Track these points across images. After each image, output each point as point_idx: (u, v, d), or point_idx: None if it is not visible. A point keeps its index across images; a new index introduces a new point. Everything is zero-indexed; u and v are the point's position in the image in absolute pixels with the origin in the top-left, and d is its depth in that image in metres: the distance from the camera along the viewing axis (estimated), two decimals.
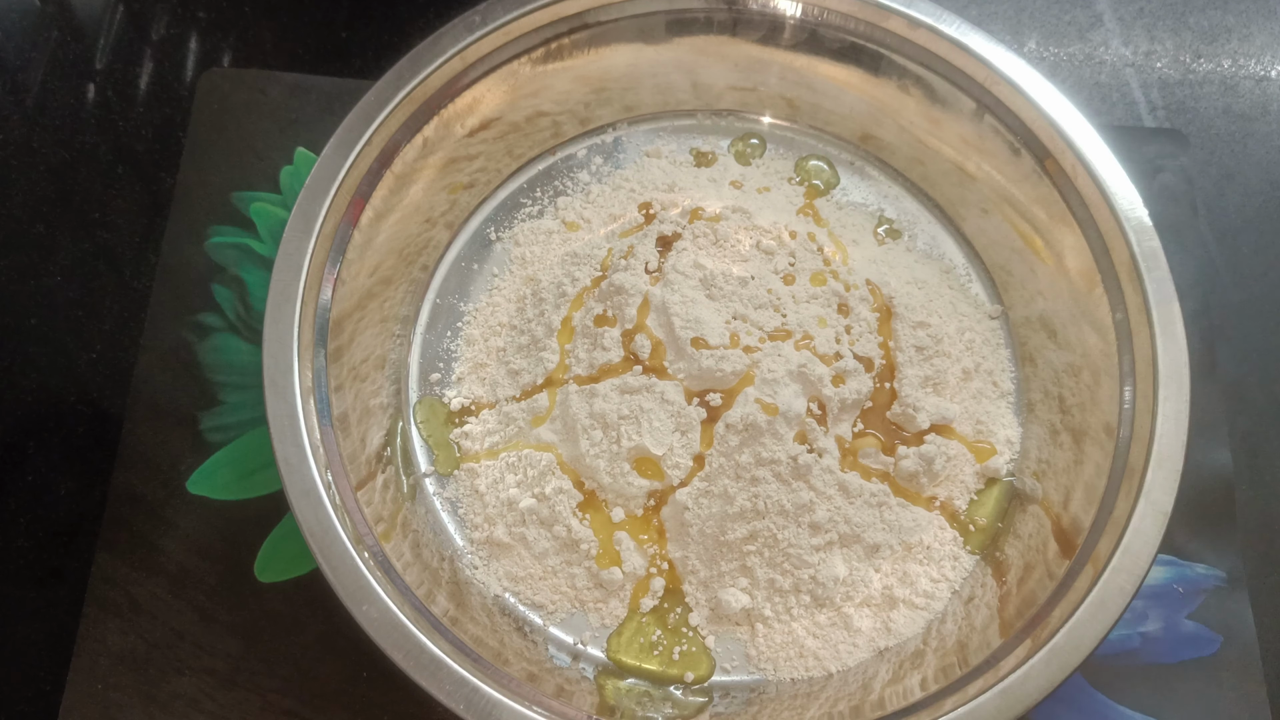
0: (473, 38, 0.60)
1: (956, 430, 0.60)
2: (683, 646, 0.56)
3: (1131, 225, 0.56)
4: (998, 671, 0.48)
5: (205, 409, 0.63)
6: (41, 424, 0.63)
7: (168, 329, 0.65)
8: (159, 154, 0.70)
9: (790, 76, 0.67)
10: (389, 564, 0.51)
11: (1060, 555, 0.53)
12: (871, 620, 0.56)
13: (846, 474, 0.56)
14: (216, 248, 0.67)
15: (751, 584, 0.55)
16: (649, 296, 0.60)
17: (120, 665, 0.57)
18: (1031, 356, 0.62)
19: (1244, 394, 0.65)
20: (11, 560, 0.60)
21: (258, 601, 0.58)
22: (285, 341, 0.53)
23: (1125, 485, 0.52)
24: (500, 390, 0.61)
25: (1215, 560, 0.60)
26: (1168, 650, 0.58)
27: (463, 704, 0.47)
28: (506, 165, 0.68)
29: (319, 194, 0.56)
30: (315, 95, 0.71)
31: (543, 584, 0.57)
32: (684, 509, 0.56)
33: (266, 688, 0.56)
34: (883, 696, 0.51)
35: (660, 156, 0.69)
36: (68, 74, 0.73)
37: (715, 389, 0.57)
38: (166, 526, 0.60)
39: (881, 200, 0.68)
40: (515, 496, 0.58)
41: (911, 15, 0.61)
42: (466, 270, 0.66)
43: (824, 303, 0.60)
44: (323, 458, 0.52)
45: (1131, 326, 0.55)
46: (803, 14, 0.64)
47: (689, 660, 0.55)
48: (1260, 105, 0.74)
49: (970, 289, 0.65)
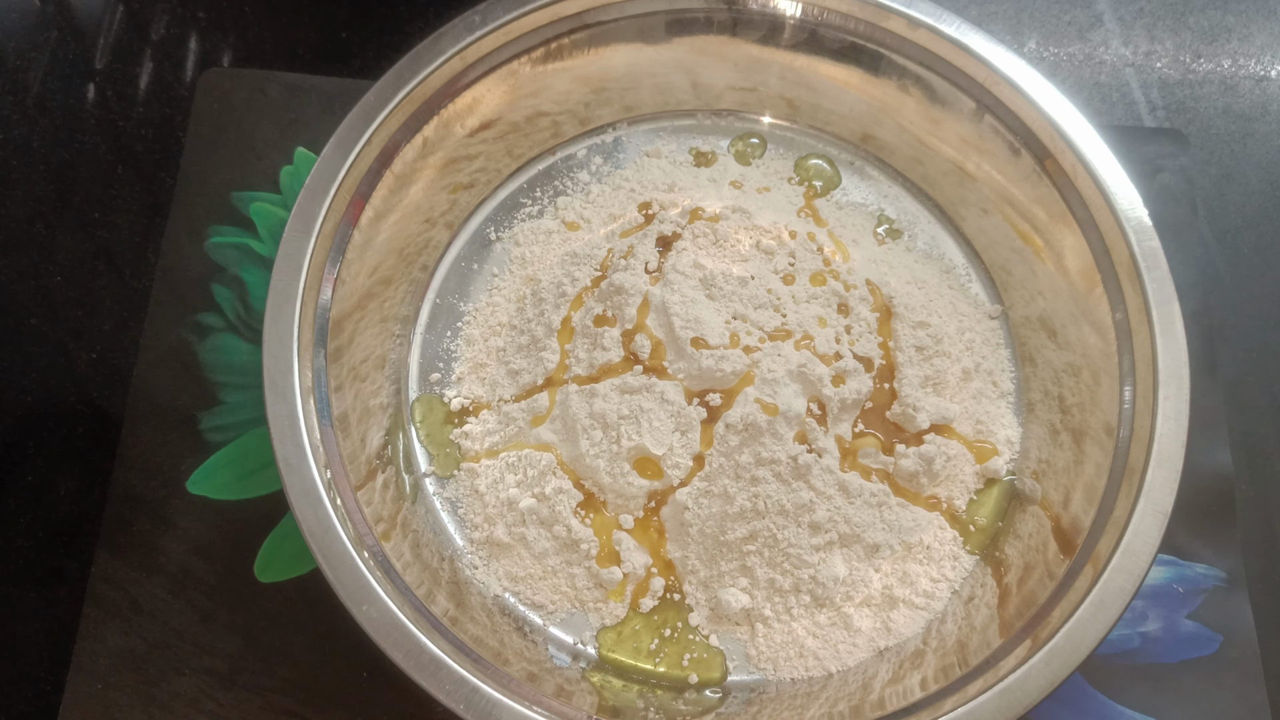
0: (473, 37, 0.60)
1: (956, 430, 0.60)
2: (694, 653, 0.56)
3: (1131, 225, 0.56)
4: (998, 671, 0.48)
5: (205, 409, 0.63)
6: (41, 424, 0.63)
7: (168, 329, 0.65)
8: (159, 154, 0.70)
9: (790, 76, 0.67)
10: (389, 564, 0.51)
11: (1060, 555, 0.53)
12: (871, 620, 0.56)
13: (846, 474, 0.56)
14: (216, 247, 0.67)
15: (751, 584, 0.55)
16: (649, 296, 0.60)
17: (120, 665, 0.57)
18: (1031, 356, 0.62)
19: (1244, 394, 0.65)
20: (11, 560, 0.60)
21: (258, 601, 0.58)
22: (285, 341, 0.53)
23: (1125, 485, 0.52)
24: (500, 390, 0.61)
25: (1215, 560, 0.60)
26: (1167, 650, 0.58)
27: (462, 704, 0.47)
28: (506, 165, 0.68)
29: (319, 194, 0.56)
30: (315, 95, 0.71)
31: (543, 584, 0.57)
32: (684, 509, 0.56)
33: (266, 688, 0.56)
34: (883, 696, 0.51)
35: (660, 156, 0.69)
36: (67, 74, 0.73)
37: (715, 389, 0.57)
38: (166, 526, 0.60)
39: (881, 200, 0.68)
40: (515, 496, 0.58)
41: (911, 15, 0.61)
42: (466, 270, 0.66)
43: (824, 303, 0.60)
44: (323, 458, 0.52)
45: (1131, 326, 0.55)
46: (803, 14, 0.64)
47: (700, 665, 0.55)
48: (1260, 105, 0.74)
49: (970, 289, 0.65)
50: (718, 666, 0.55)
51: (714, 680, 0.55)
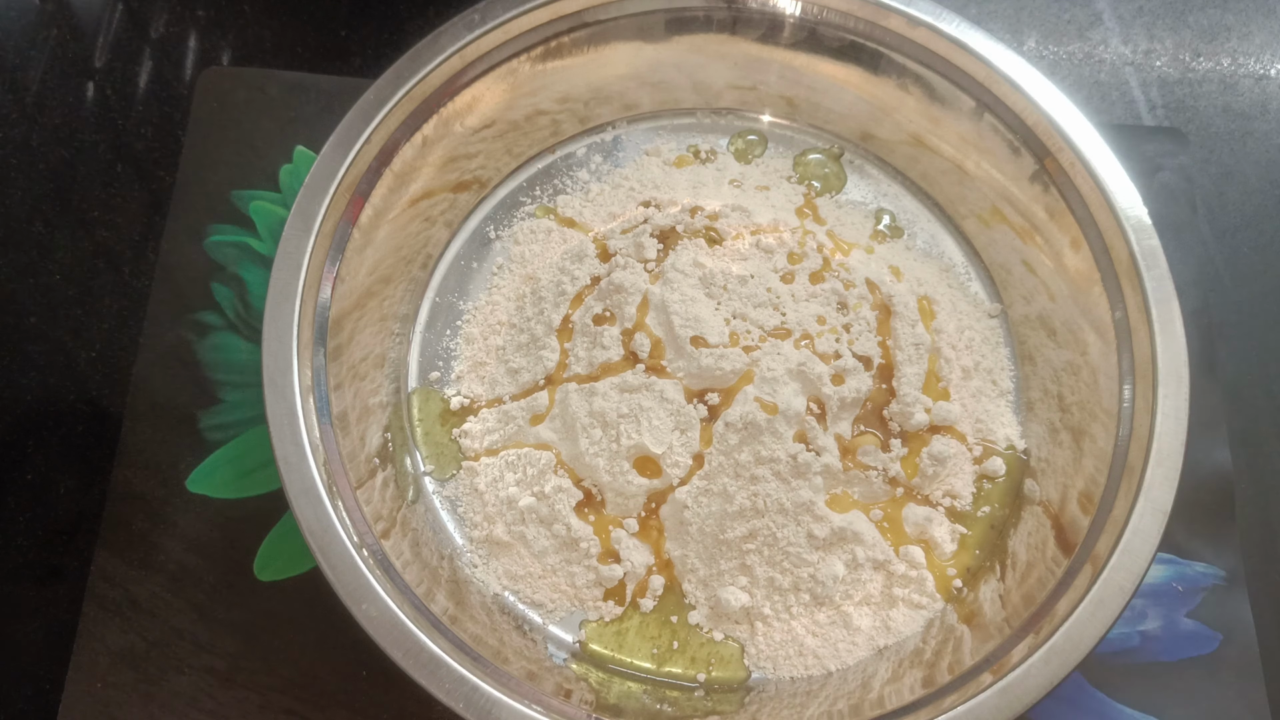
0: (472, 36, 0.60)
1: (956, 429, 0.60)
2: (694, 652, 0.55)
3: (1131, 224, 0.56)
4: (997, 670, 0.48)
5: (205, 407, 0.63)
6: (41, 422, 0.63)
7: (167, 327, 0.65)
8: (158, 152, 0.70)
9: (790, 75, 0.67)
10: (388, 562, 0.51)
11: (1060, 553, 0.53)
12: (871, 619, 0.56)
13: (846, 472, 0.56)
14: (216, 246, 0.67)
15: (751, 582, 0.55)
16: (648, 295, 0.60)
17: (120, 663, 0.57)
18: (1031, 355, 0.62)
19: (1243, 392, 0.65)
20: (11, 558, 0.60)
21: (257, 600, 0.58)
22: (285, 340, 0.53)
23: (1124, 484, 0.52)
24: (499, 389, 0.61)
25: (1214, 558, 0.60)
26: (1167, 648, 0.58)
27: (462, 702, 0.47)
28: (506, 164, 0.68)
29: (318, 192, 0.56)
30: (315, 94, 0.71)
31: (542, 582, 0.57)
32: (683, 507, 0.56)
33: (266, 686, 0.56)
34: (882, 695, 0.51)
35: (659, 155, 0.69)
36: (67, 72, 0.73)
37: (714, 387, 0.57)
38: (166, 525, 0.60)
39: (881, 199, 0.68)
40: (515, 495, 0.58)
41: (911, 14, 0.61)
42: (466, 269, 0.66)
43: (823, 301, 0.60)
44: (322, 456, 0.52)
45: (1131, 325, 0.55)
46: (802, 12, 0.64)
47: (721, 664, 0.55)
48: (1259, 104, 0.74)
49: (970, 287, 0.65)
50: (720, 664, 0.55)
51: (716, 679, 0.55)
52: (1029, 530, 0.57)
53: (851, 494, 0.58)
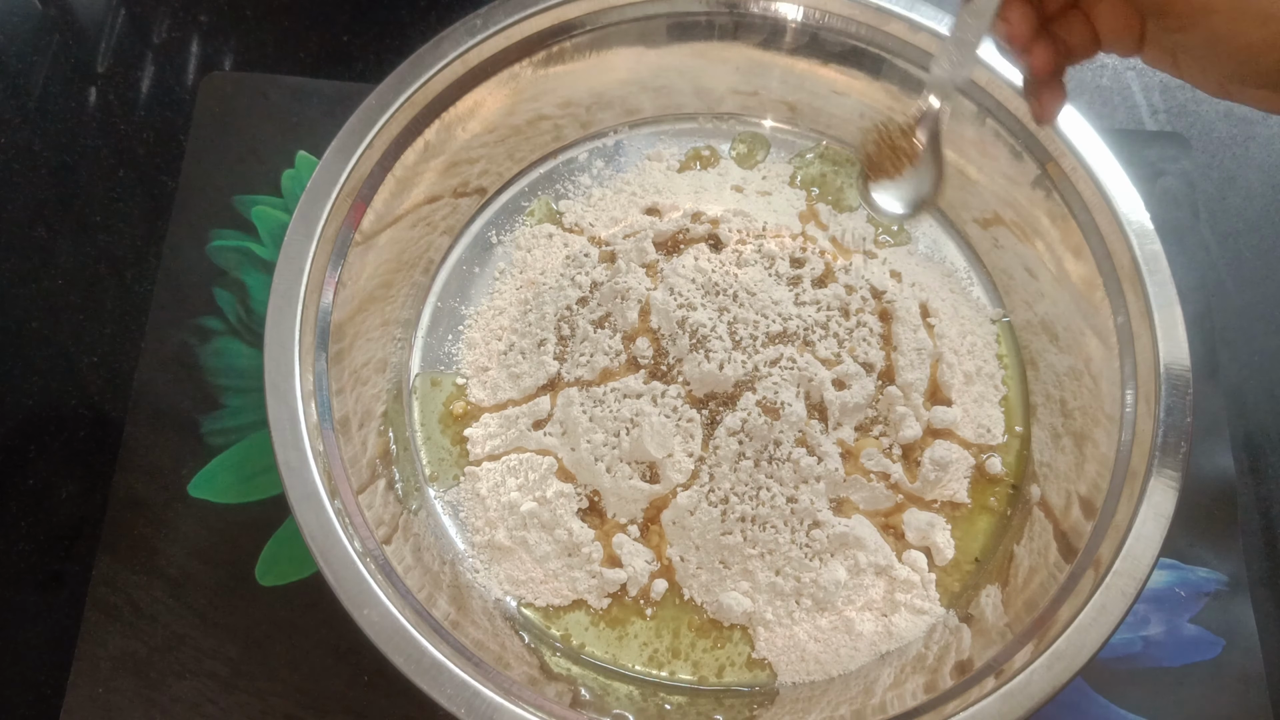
0: (474, 41, 0.60)
1: (958, 433, 0.60)
2: (715, 672, 0.55)
3: (1133, 229, 0.56)
4: (1000, 675, 0.48)
5: (206, 412, 0.63)
6: (43, 427, 0.63)
7: (169, 332, 0.65)
8: (160, 157, 0.70)
9: (791, 80, 0.67)
10: (390, 568, 0.51)
11: (1062, 559, 0.53)
12: (873, 624, 0.56)
13: (848, 477, 0.56)
14: (218, 251, 0.67)
15: (753, 587, 0.55)
16: (650, 300, 0.60)
17: (121, 669, 0.56)
18: (1033, 360, 0.62)
19: (1246, 398, 0.65)
20: (12, 564, 0.60)
21: (259, 605, 0.58)
22: (286, 345, 0.53)
23: (1127, 489, 0.52)
24: (501, 394, 0.61)
25: (1217, 564, 0.60)
26: (1170, 654, 0.58)
27: (464, 708, 0.47)
28: (508, 169, 0.68)
29: (320, 197, 0.56)
30: (317, 99, 0.71)
31: (544, 587, 0.57)
32: (685, 512, 0.56)
33: (267, 691, 0.56)
34: (884, 700, 0.51)
35: (661, 160, 0.69)
36: (69, 77, 0.73)
37: (716, 392, 0.57)
38: (167, 530, 0.60)
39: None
40: (516, 500, 0.58)
41: (913, 19, 0.61)
42: (468, 274, 0.66)
43: (825, 306, 0.60)
44: (324, 461, 0.52)
45: (1133, 330, 0.55)
46: (804, 18, 0.64)
47: (723, 669, 0.55)
48: None
49: (972, 292, 0.65)
50: (722, 670, 0.55)
51: (718, 684, 0.55)
52: (1031, 535, 0.57)
53: (853, 499, 0.57)
